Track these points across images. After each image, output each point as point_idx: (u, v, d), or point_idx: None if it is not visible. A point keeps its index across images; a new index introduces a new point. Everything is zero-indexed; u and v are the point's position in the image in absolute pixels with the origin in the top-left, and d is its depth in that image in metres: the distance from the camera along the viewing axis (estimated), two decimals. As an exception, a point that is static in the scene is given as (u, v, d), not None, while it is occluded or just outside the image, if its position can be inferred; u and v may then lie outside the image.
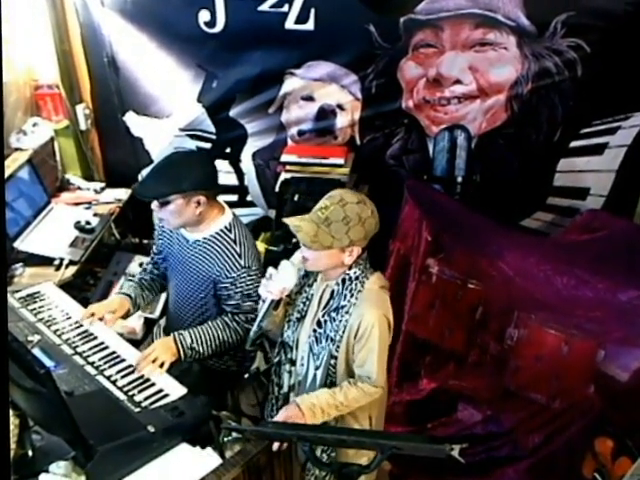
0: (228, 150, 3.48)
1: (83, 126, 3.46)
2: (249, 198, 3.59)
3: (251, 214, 3.59)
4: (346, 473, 1.72)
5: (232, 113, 3.33)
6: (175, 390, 1.87)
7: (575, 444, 2.38)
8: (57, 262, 2.80)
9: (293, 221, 1.76)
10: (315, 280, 1.92)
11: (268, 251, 3.21)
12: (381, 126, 3.22)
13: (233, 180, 3.55)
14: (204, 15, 3.05)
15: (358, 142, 3.30)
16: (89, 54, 3.32)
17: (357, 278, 1.82)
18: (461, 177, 3.24)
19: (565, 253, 2.60)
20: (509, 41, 2.88)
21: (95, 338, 2.07)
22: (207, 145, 3.47)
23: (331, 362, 1.85)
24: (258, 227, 3.54)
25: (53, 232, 3.03)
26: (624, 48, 2.78)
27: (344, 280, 1.82)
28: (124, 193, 3.42)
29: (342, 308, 1.82)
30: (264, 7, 2.97)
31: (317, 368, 1.87)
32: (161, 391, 1.86)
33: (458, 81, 3.01)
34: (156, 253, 2.35)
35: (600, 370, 2.35)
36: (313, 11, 2.94)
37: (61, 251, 2.88)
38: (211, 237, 2.11)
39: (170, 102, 3.39)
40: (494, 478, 2.54)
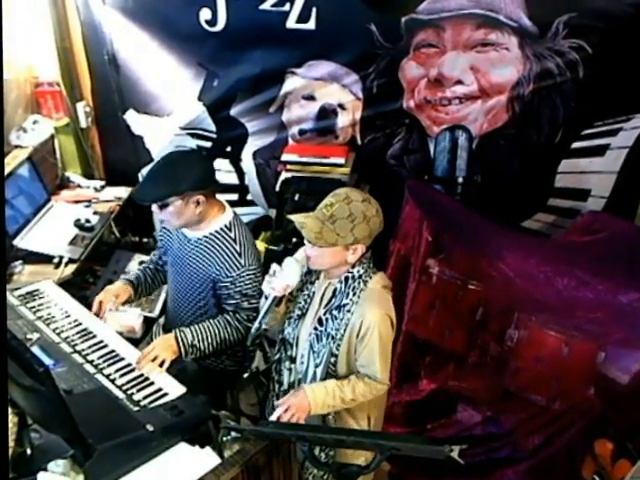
0: (229, 149, 3.48)
1: (83, 124, 3.46)
2: (249, 197, 3.59)
3: (251, 213, 3.59)
4: (345, 473, 1.72)
5: (233, 112, 3.33)
6: (174, 389, 1.86)
7: (575, 446, 2.38)
8: (57, 260, 2.80)
9: (298, 217, 1.77)
10: (317, 278, 1.92)
11: (268, 250, 3.20)
12: (382, 126, 3.22)
13: (233, 179, 3.55)
14: (205, 13, 3.05)
15: (359, 142, 3.29)
16: (90, 52, 3.31)
17: (360, 277, 1.82)
18: (462, 178, 3.24)
19: (566, 254, 2.60)
20: (511, 42, 2.88)
21: (94, 336, 2.06)
22: (208, 144, 3.46)
23: (331, 360, 1.85)
24: (258, 226, 3.53)
25: (53, 230, 3.03)
26: (626, 49, 2.78)
27: (347, 278, 1.82)
28: (124, 191, 3.42)
29: (344, 306, 1.82)
30: (265, 6, 2.97)
31: (317, 366, 1.87)
32: (160, 390, 1.85)
33: (459, 81, 3.00)
34: (159, 247, 2.37)
35: (600, 372, 2.35)
36: (314, 10, 2.94)
37: (61, 249, 2.88)
38: (211, 235, 2.11)
39: (171, 100, 3.38)
40: (493, 479, 2.54)
